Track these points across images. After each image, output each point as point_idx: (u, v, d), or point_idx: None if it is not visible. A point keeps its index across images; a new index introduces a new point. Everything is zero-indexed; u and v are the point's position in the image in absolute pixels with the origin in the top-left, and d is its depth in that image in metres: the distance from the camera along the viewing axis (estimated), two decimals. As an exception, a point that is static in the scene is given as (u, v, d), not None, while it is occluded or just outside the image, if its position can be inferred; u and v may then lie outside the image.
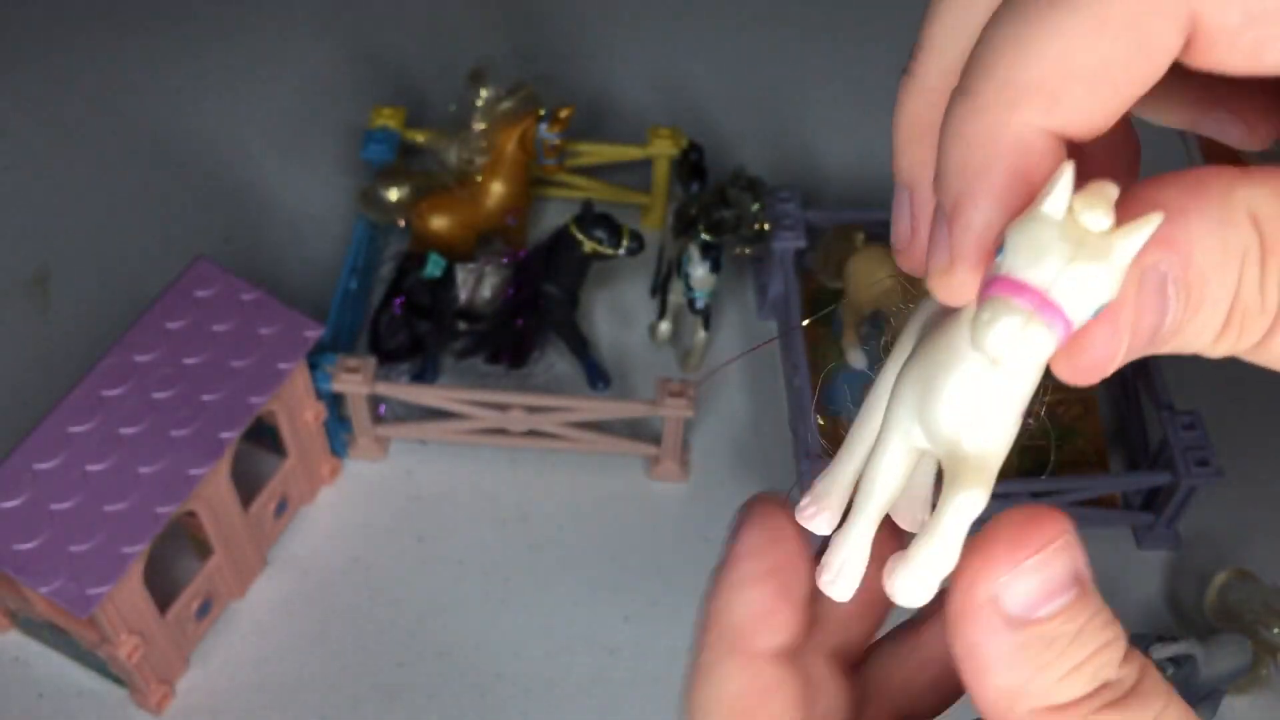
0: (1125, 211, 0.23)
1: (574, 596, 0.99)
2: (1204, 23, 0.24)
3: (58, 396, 0.88)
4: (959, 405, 0.25)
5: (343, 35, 1.39)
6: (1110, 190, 0.22)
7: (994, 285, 0.22)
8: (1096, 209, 0.22)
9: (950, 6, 0.28)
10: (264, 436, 1.00)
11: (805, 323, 1.10)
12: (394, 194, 1.09)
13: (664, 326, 1.12)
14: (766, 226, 1.08)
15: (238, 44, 1.37)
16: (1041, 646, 0.27)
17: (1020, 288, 0.22)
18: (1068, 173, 0.22)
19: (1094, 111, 0.24)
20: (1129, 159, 0.29)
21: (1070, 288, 0.22)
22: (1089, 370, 0.24)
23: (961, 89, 0.25)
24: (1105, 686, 0.27)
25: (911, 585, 0.26)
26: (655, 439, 1.03)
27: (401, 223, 1.12)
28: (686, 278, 1.04)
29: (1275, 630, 0.94)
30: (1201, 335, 0.25)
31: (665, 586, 0.99)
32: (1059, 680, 0.26)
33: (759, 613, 0.29)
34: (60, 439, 0.85)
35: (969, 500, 0.25)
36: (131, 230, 1.21)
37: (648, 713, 0.93)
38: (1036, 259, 0.22)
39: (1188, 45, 0.24)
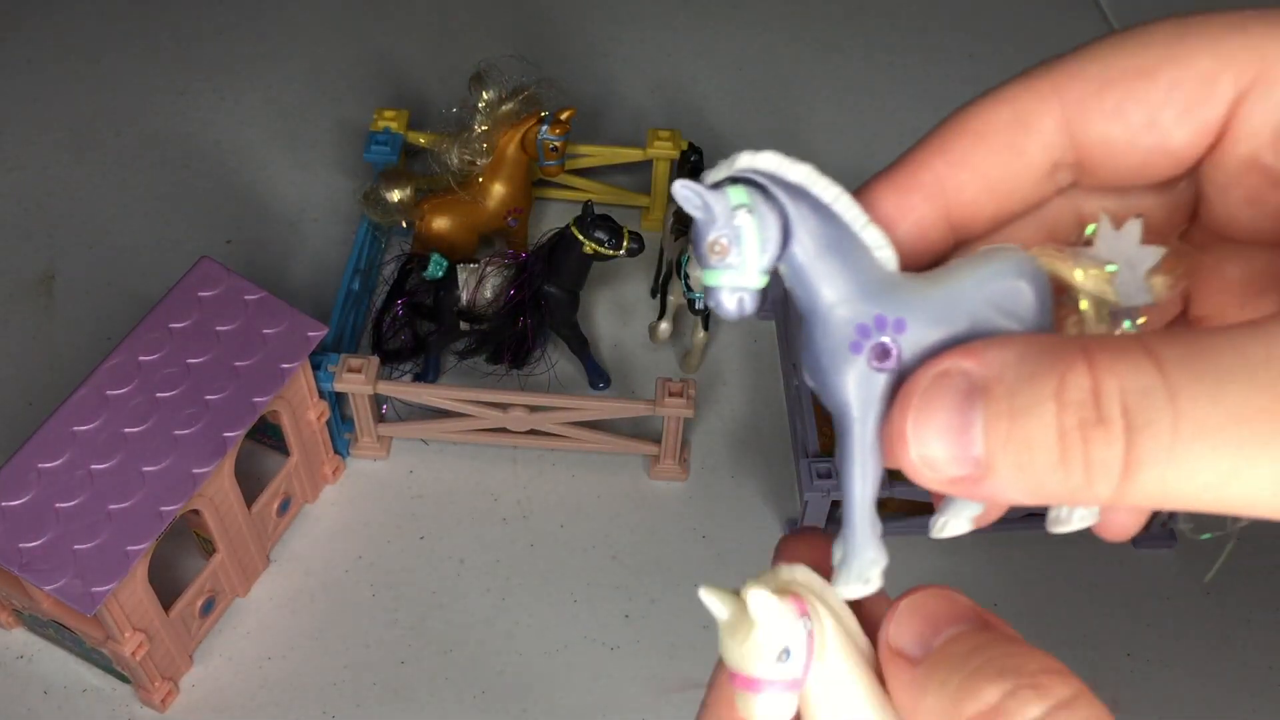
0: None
1: (574, 595, 0.99)
2: (1083, 140, 0.29)
3: (63, 396, 0.89)
4: None
5: (346, 38, 1.39)
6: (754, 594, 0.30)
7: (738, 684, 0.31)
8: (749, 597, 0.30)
9: None
10: (267, 435, 1.00)
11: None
12: (396, 195, 1.10)
13: (664, 326, 1.12)
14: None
15: (241, 46, 1.38)
16: (940, 672, 0.29)
17: (745, 681, 0.31)
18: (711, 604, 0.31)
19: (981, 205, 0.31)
20: None
21: (761, 660, 0.30)
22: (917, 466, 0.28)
23: None
24: None
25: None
26: (655, 438, 1.04)
27: (404, 224, 1.12)
28: (686, 278, 1.05)
29: None
30: (1039, 460, 0.25)
31: (665, 585, 1.00)
32: None
33: None
34: (65, 438, 0.86)
35: None
36: (135, 231, 1.22)
37: (648, 711, 0.93)
38: (738, 660, 0.31)
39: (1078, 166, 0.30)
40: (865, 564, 0.31)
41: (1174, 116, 0.28)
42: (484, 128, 1.09)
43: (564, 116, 1.09)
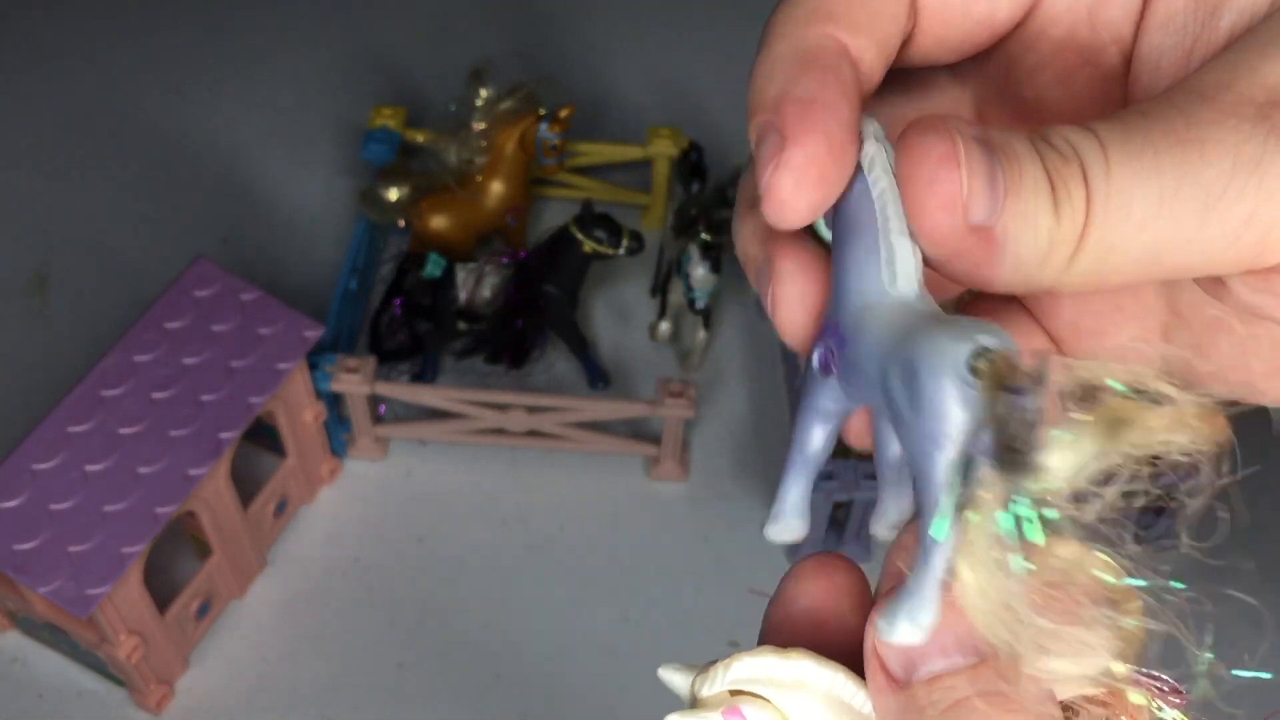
0: None
1: (574, 596, 0.99)
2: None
3: (57, 396, 0.88)
4: None
5: (343, 35, 1.39)
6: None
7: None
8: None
9: None
10: (264, 436, 1.00)
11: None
12: (394, 194, 1.09)
13: (664, 326, 1.12)
14: (766, 226, 1.08)
15: (238, 44, 1.37)
16: (913, 715, 0.24)
17: None
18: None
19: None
20: None
21: None
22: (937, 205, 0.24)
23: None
24: None
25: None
26: (655, 439, 1.03)
27: (402, 223, 1.12)
28: (686, 278, 1.04)
29: None
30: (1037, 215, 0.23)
31: (665, 587, 0.99)
32: None
33: None
34: (60, 439, 0.85)
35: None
36: (131, 230, 1.21)
37: (647, 713, 0.93)
38: None
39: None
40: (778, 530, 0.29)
41: None
42: (482, 125, 1.09)
43: (563, 114, 1.09)
